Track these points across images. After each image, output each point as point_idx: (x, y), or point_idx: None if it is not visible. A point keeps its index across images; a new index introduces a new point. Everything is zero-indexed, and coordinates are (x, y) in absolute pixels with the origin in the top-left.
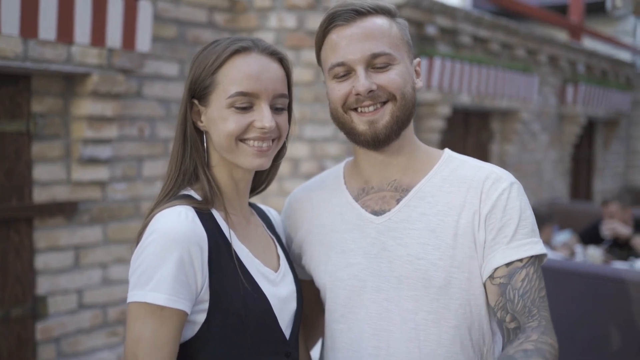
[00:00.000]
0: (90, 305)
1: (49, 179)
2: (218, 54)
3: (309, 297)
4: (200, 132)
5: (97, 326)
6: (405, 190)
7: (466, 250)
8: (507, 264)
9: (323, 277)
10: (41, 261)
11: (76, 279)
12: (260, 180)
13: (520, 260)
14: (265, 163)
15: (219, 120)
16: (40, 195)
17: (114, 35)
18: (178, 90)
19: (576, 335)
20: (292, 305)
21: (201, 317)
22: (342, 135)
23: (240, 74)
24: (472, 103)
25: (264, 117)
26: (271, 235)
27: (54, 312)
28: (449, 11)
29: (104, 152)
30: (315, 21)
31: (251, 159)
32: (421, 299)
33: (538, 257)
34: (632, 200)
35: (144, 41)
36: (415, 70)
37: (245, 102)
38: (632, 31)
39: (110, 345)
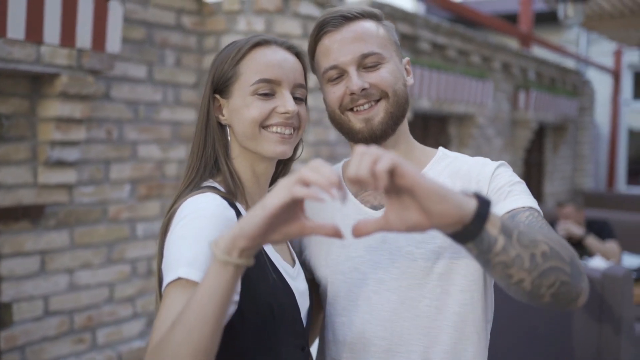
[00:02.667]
0: (57, 312)
1: (14, 182)
2: (240, 47)
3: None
4: (221, 127)
5: (63, 333)
6: None
7: None
8: (509, 211)
9: (324, 270)
10: (5, 267)
11: (42, 285)
12: (276, 175)
13: (522, 207)
14: (287, 151)
15: (243, 108)
16: (4, 199)
17: (83, 35)
18: (146, 93)
19: (538, 330)
20: (307, 302)
21: (231, 308)
22: (321, 136)
23: (262, 63)
24: (431, 108)
25: (286, 101)
26: None
27: (19, 320)
28: (409, 18)
29: (71, 154)
30: (283, 25)
31: (274, 146)
32: (424, 287)
33: (539, 212)
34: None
35: (114, 42)
36: (405, 69)
37: (268, 89)
38: (576, 40)
39: (77, 353)
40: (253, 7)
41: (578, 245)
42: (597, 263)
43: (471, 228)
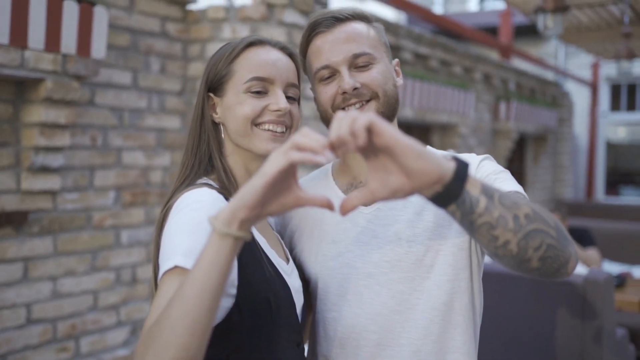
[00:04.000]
0: (39, 320)
1: None
2: (234, 46)
3: None
4: (215, 125)
5: (46, 342)
6: None
7: (456, 226)
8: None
9: (314, 267)
10: None
11: (24, 293)
12: None
13: (509, 192)
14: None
15: (236, 105)
16: None
17: (68, 40)
18: (131, 99)
19: (522, 336)
20: (301, 298)
21: (228, 302)
22: None
23: (255, 61)
24: (414, 117)
25: (279, 99)
26: (275, 233)
27: (1, 328)
28: (392, 28)
29: (55, 160)
30: (268, 33)
31: (266, 143)
32: (414, 280)
33: (524, 196)
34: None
35: (99, 48)
36: (395, 70)
37: (261, 87)
38: (555, 53)
39: None
40: (238, 15)
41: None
42: (579, 270)
43: (451, 187)
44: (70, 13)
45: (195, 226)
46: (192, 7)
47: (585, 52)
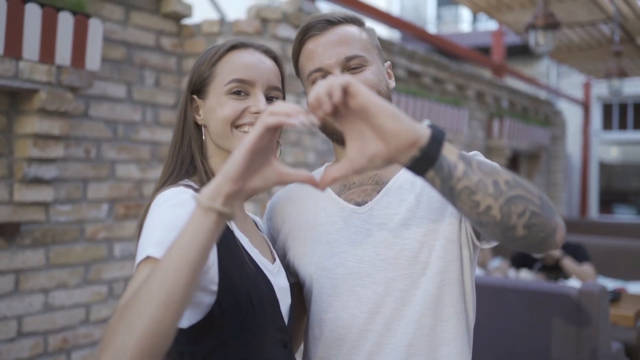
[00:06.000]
0: (30, 333)
1: None
2: (217, 49)
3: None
4: (198, 127)
5: (37, 355)
6: (385, 183)
7: (446, 218)
8: None
9: (309, 268)
10: None
11: (16, 305)
12: None
13: None
14: None
15: (217, 107)
16: None
17: (63, 52)
18: (125, 112)
19: (517, 349)
20: (288, 299)
21: (209, 299)
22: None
23: (237, 64)
24: None
25: (259, 101)
26: (262, 234)
27: None
28: (385, 45)
29: (49, 171)
30: None
31: None
32: (411, 277)
33: None
34: None
35: (93, 59)
36: (387, 72)
37: (242, 89)
38: (547, 73)
39: None
40: (232, 30)
41: (555, 267)
42: (573, 284)
43: (428, 150)
44: (65, 25)
45: (165, 220)
46: (186, 21)
47: (576, 71)
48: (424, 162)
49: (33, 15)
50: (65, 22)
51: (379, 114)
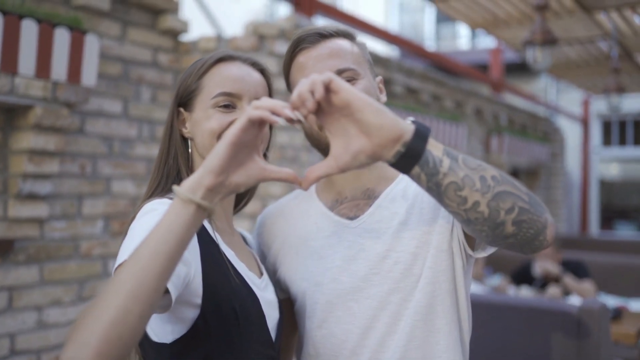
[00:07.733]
0: (23, 351)
1: None
2: (204, 61)
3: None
4: (184, 140)
5: None
6: (377, 196)
7: (437, 228)
8: None
9: (301, 284)
10: None
11: (9, 323)
12: (241, 196)
13: None
14: None
15: (203, 120)
16: None
17: (59, 67)
18: (121, 128)
19: None
20: (276, 313)
21: (193, 313)
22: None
23: (224, 77)
24: None
25: None
26: (250, 249)
27: None
28: (383, 61)
29: (44, 187)
30: None
31: None
32: (404, 290)
33: None
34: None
35: (89, 75)
36: (379, 87)
37: (228, 102)
38: (545, 89)
39: None
40: (229, 46)
41: (555, 284)
42: (574, 302)
43: (413, 145)
44: (62, 40)
45: (143, 229)
46: (183, 37)
47: (575, 87)
48: (409, 157)
49: (29, 31)
50: (62, 38)
51: (363, 108)
